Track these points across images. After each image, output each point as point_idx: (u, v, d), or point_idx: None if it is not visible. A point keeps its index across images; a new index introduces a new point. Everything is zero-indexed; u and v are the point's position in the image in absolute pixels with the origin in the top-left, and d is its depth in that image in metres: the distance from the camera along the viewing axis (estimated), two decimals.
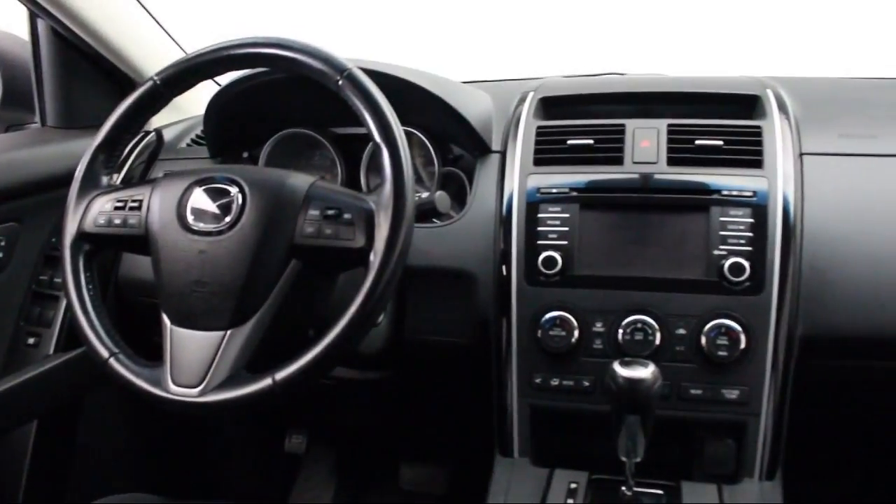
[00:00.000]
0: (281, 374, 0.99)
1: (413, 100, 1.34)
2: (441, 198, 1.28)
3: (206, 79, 1.18)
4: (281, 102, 1.46)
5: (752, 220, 1.18)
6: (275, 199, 1.06)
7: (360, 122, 1.05)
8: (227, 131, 1.50)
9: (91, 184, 1.17)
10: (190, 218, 1.06)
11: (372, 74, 1.09)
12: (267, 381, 0.99)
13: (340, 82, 1.06)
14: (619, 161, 1.26)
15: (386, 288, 1.00)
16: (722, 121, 1.28)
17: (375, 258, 1.00)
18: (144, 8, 1.66)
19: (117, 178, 1.53)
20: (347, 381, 1.46)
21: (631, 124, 1.30)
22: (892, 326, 1.19)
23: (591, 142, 1.28)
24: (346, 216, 1.04)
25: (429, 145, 1.42)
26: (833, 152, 1.28)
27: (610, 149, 1.27)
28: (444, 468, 1.98)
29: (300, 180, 1.09)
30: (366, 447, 2.05)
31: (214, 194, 1.07)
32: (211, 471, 2.00)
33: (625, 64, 1.82)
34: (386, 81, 1.21)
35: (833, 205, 1.23)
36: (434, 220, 1.34)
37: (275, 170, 1.16)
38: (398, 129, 1.05)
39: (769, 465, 1.22)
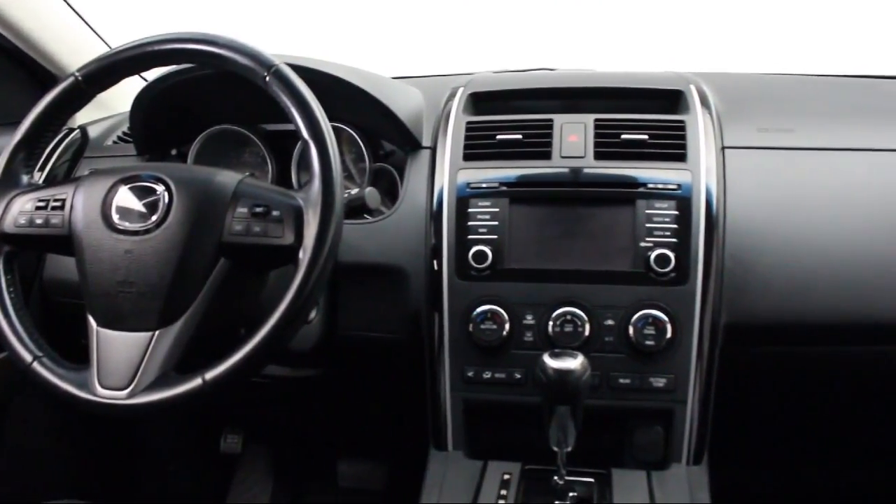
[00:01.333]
0: (211, 374, 0.99)
1: (342, 96, 1.33)
2: (371, 194, 1.29)
3: (130, 75, 1.15)
4: (210, 99, 1.44)
5: (676, 213, 1.21)
6: (202, 196, 1.05)
7: (289, 119, 1.05)
8: (155, 128, 1.48)
9: (10, 183, 1.13)
10: (115, 217, 1.05)
11: (300, 70, 1.09)
12: (197, 382, 0.99)
13: (268, 79, 1.05)
14: (547, 155, 1.28)
15: (316, 285, 1.01)
16: (647, 115, 1.31)
17: (305, 255, 1.00)
18: (65, 1, 1.62)
19: (40, 177, 1.49)
20: (282, 379, 1.46)
21: (559, 119, 1.32)
22: (811, 313, 1.23)
23: (519, 136, 1.29)
24: (275, 213, 1.04)
25: (359, 141, 1.41)
26: (753, 146, 1.32)
27: (538, 143, 1.29)
28: (381, 464, 1.98)
29: (228, 178, 1.08)
30: (303, 445, 2.04)
31: (140, 193, 1.06)
32: (145, 474, 1.96)
33: (556, 59, 1.84)
34: (314, 77, 1.21)
35: (753, 196, 1.26)
36: (365, 216, 1.34)
37: (202, 167, 1.15)
38: (326, 126, 1.05)
39: (696, 451, 1.25)
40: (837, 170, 1.30)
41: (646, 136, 1.27)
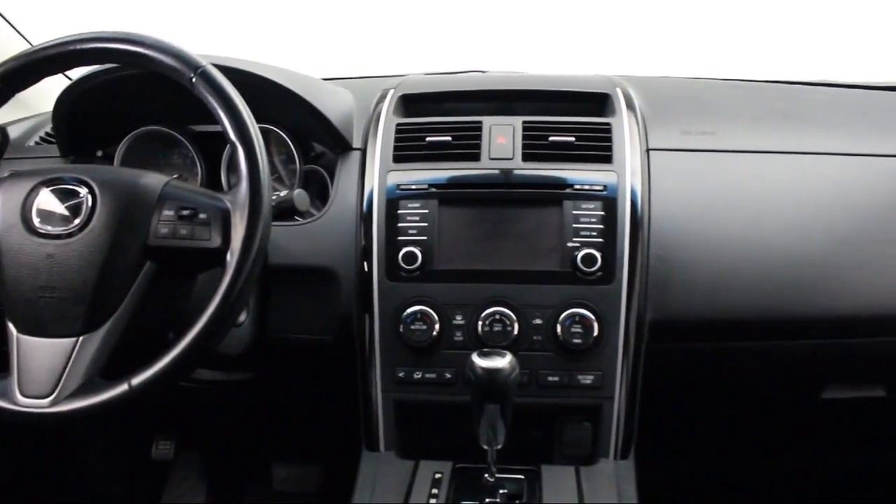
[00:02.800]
0: (138, 379, 0.97)
1: (271, 97, 1.33)
2: (300, 196, 1.29)
3: (50, 74, 1.13)
4: (137, 99, 1.41)
5: (602, 213, 1.24)
6: (127, 199, 1.03)
7: (216, 121, 1.04)
8: (79, 129, 1.44)
9: None
10: (36, 220, 1.02)
11: (227, 72, 1.08)
12: (123, 387, 0.97)
13: (194, 80, 1.04)
14: (476, 157, 1.29)
15: (244, 287, 1.00)
16: (575, 118, 1.33)
17: (232, 258, 1.00)
18: None
19: None
20: (213, 383, 1.44)
21: (488, 121, 1.33)
22: (732, 310, 1.27)
23: (449, 139, 1.31)
24: (202, 216, 1.03)
25: (289, 143, 1.41)
26: (676, 148, 1.35)
27: (467, 145, 1.30)
28: (316, 466, 1.97)
29: (154, 180, 1.07)
30: (236, 449, 2.01)
31: (62, 195, 1.03)
32: (74, 483, 1.92)
33: (488, 62, 1.86)
34: (242, 79, 1.21)
35: (677, 197, 1.30)
36: (296, 217, 1.34)
37: (127, 169, 1.13)
38: (253, 127, 1.05)
39: (623, 446, 1.28)
40: (757, 172, 1.35)
41: (573, 139, 1.29)
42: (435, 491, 1.21)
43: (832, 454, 1.73)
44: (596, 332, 1.22)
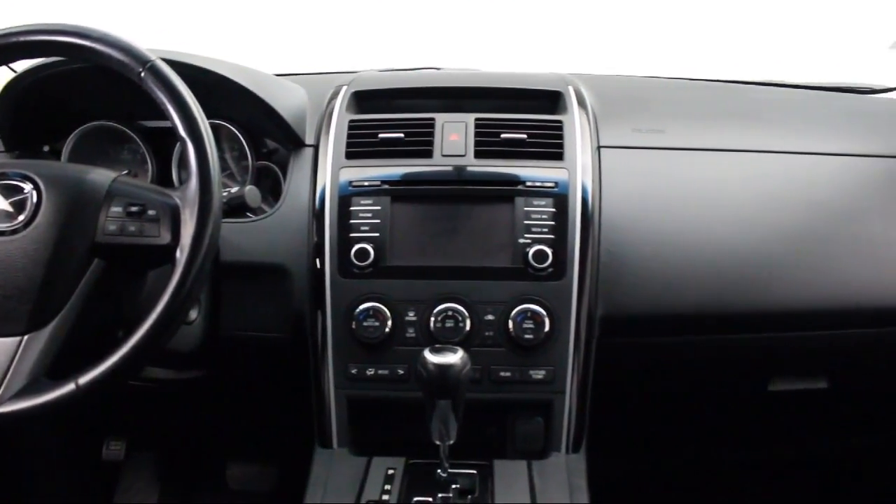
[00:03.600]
0: (85, 379, 0.96)
1: (223, 93, 1.32)
2: (251, 192, 1.28)
3: None
4: (85, 93, 1.39)
5: (553, 210, 1.25)
6: (73, 195, 1.02)
7: (166, 116, 1.03)
8: (25, 123, 1.42)
9: None
10: None
11: (177, 66, 1.07)
12: (70, 387, 0.96)
13: (143, 74, 1.03)
14: (428, 154, 1.30)
15: (194, 285, 0.99)
16: (527, 115, 1.34)
17: (182, 255, 0.99)
18: None
19: None
20: (165, 381, 1.42)
21: (441, 118, 1.34)
22: (681, 304, 1.30)
23: (401, 135, 1.31)
24: (151, 212, 1.02)
25: (241, 139, 1.40)
26: (627, 145, 1.37)
27: (420, 142, 1.30)
28: (271, 465, 1.96)
29: (101, 176, 1.06)
30: (189, 449, 1.99)
31: (6, 191, 1.02)
32: (21, 486, 1.88)
33: (443, 59, 1.86)
34: (193, 74, 1.19)
35: (627, 194, 1.32)
36: (248, 214, 1.33)
37: (74, 165, 1.12)
38: (203, 123, 1.04)
39: (575, 439, 1.29)
40: (705, 169, 1.37)
41: (525, 136, 1.30)
42: (388, 487, 1.21)
43: (779, 445, 1.77)
44: (547, 328, 1.23)
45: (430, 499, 1.16)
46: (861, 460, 1.85)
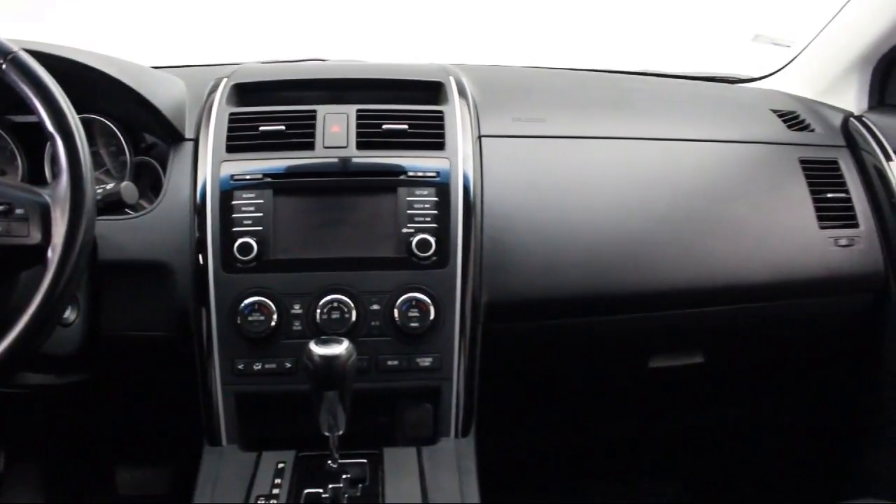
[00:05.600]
0: None
1: (96, 85, 1.28)
2: (127, 188, 1.24)
3: None
4: None
5: (436, 199, 1.27)
6: None
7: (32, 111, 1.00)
8: None
9: None
10: None
11: (43, 58, 1.04)
12: None
13: (4, 67, 0.99)
14: (310, 146, 1.29)
15: (67, 285, 0.97)
16: (408, 106, 1.36)
17: (54, 255, 0.96)
18: None
19: None
20: (44, 388, 1.37)
21: (322, 110, 1.34)
22: (563, 288, 1.34)
23: (282, 128, 1.30)
24: (19, 211, 0.99)
25: (118, 133, 1.36)
26: (508, 134, 1.41)
27: (301, 134, 1.30)
28: (162, 467, 1.91)
29: None
30: (75, 457, 1.92)
31: None
32: None
33: (330, 51, 1.86)
34: (61, 66, 1.16)
35: (509, 182, 1.35)
36: (127, 210, 1.30)
37: None
38: (72, 117, 1.01)
39: (464, 424, 1.31)
40: (584, 156, 1.42)
41: (406, 126, 1.31)
42: (278, 481, 1.20)
43: (660, 419, 1.84)
44: (432, 316, 1.25)
45: (321, 490, 1.16)
46: (737, 430, 1.95)
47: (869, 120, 1.58)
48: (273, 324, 1.23)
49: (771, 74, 1.86)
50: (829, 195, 1.49)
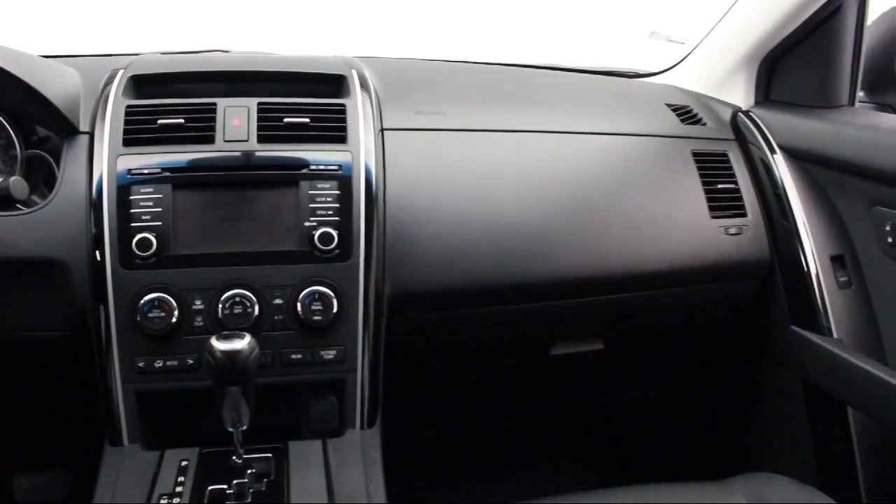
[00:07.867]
0: None
1: None
2: (16, 183, 1.21)
3: None
4: None
5: (338, 192, 1.27)
6: None
7: None
8: None
9: None
10: None
11: None
12: None
13: None
14: (210, 140, 1.28)
15: None
16: (310, 99, 1.36)
17: None
18: None
19: None
20: None
21: (223, 103, 1.32)
22: (465, 279, 1.36)
23: (181, 121, 1.28)
24: None
25: (7, 126, 1.31)
26: (409, 127, 1.42)
27: (201, 128, 1.28)
28: (64, 470, 1.86)
29: None
30: None
31: None
32: None
33: (234, 42, 1.83)
34: None
35: (411, 175, 1.37)
36: (18, 206, 1.26)
37: None
38: None
39: (369, 415, 1.32)
40: (485, 149, 1.45)
41: (308, 119, 1.31)
42: (182, 479, 1.19)
43: (563, 405, 1.90)
44: (336, 309, 1.26)
45: (226, 486, 1.16)
46: (636, 412, 2.02)
47: (755, 115, 1.66)
48: (174, 320, 1.22)
49: (667, 70, 1.93)
50: (720, 186, 1.55)
